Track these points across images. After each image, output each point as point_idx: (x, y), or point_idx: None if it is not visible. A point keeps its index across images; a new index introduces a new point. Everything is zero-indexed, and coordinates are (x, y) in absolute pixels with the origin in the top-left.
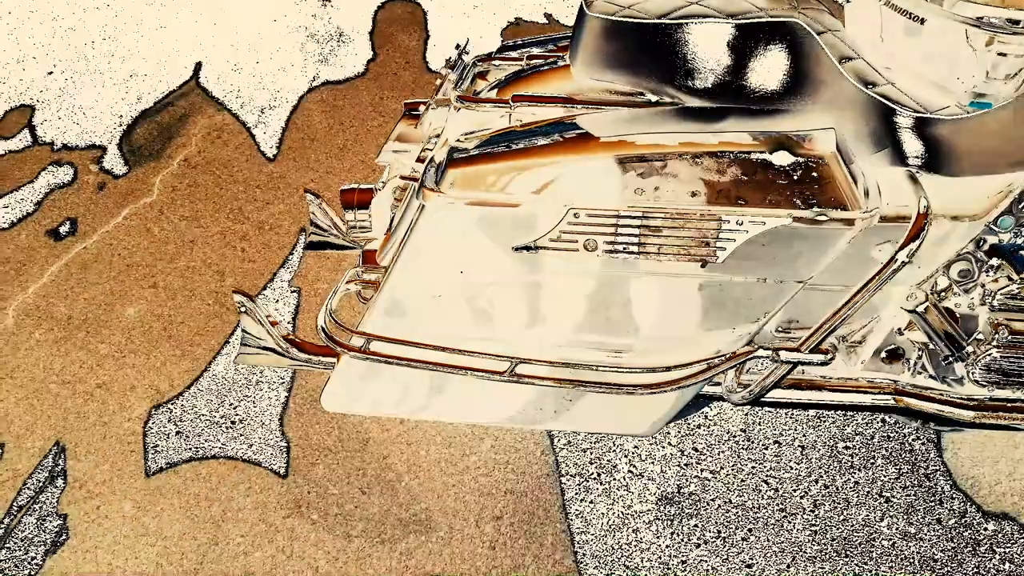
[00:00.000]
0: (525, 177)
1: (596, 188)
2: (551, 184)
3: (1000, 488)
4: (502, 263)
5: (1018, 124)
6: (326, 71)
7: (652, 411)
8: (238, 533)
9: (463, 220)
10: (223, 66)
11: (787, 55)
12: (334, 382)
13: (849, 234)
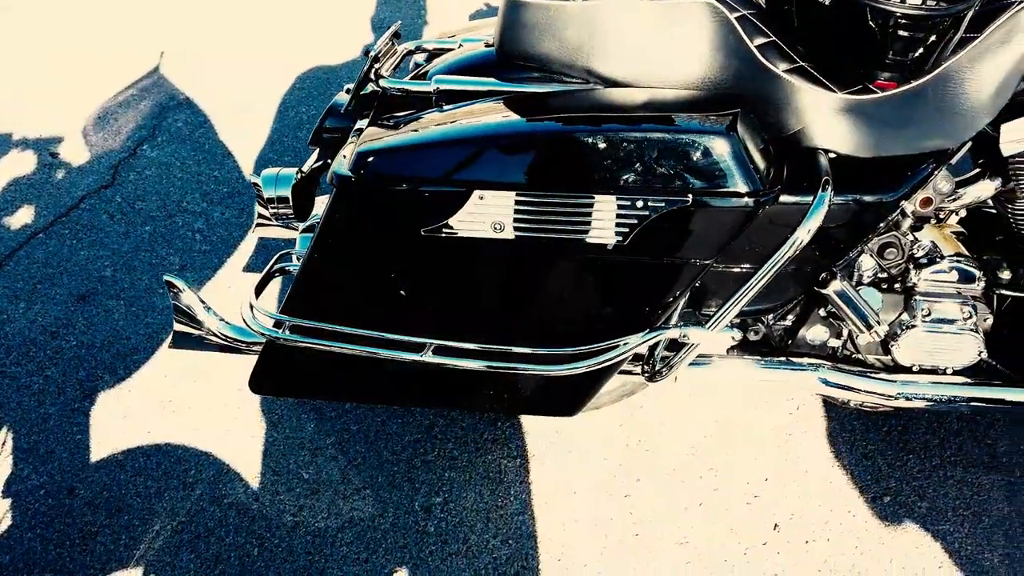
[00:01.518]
0: (435, 160)
1: (503, 170)
2: (459, 167)
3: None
4: (411, 246)
5: (930, 104)
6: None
7: (573, 393)
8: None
9: (372, 203)
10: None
11: (700, 35)
12: (258, 366)
13: (751, 214)
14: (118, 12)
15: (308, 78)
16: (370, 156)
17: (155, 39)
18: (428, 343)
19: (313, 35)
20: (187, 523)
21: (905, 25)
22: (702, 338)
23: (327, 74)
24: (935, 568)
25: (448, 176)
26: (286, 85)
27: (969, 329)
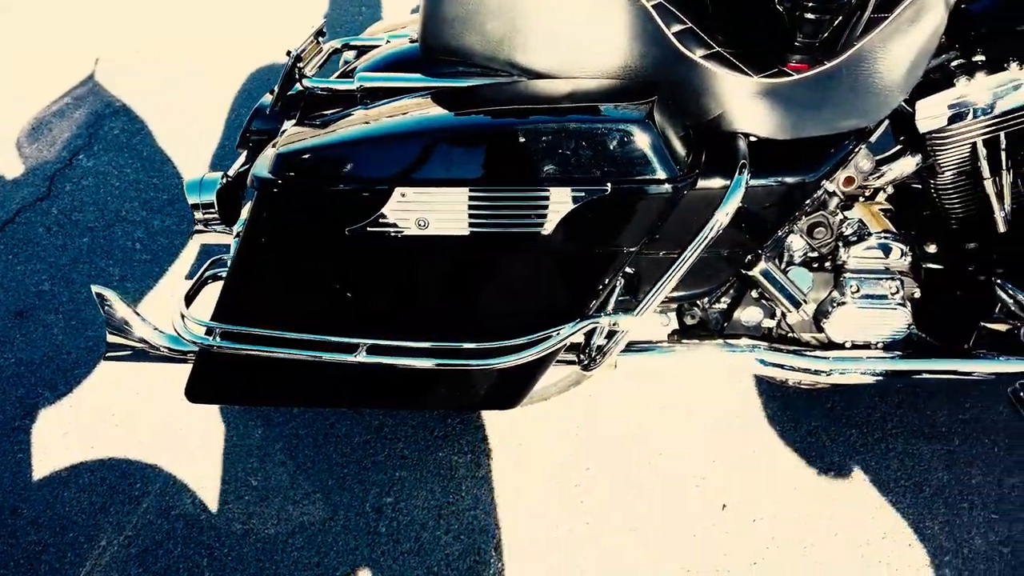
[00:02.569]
0: (354, 159)
1: (423, 166)
2: (378, 165)
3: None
4: (336, 246)
5: (845, 84)
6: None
7: (511, 385)
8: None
9: (293, 205)
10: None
11: (618, 24)
12: (193, 375)
13: (671, 200)
14: (46, 21)
15: (248, 80)
16: (289, 157)
17: (89, 46)
18: (361, 343)
19: (253, 36)
20: (134, 537)
21: (812, 8)
22: (631, 325)
23: (268, 75)
24: (879, 538)
25: (368, 175)
26: (226, 87)
27: (897, 303)
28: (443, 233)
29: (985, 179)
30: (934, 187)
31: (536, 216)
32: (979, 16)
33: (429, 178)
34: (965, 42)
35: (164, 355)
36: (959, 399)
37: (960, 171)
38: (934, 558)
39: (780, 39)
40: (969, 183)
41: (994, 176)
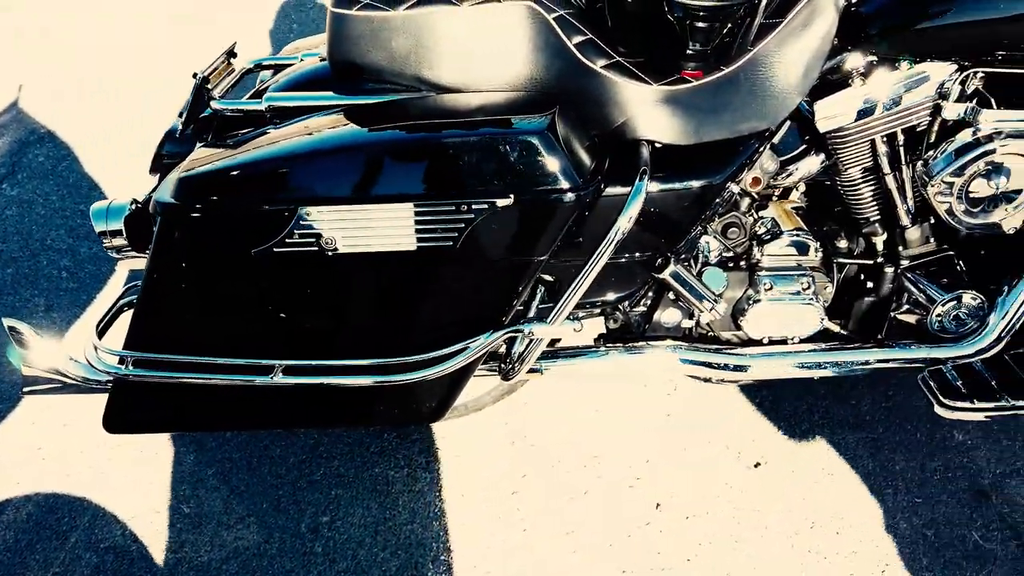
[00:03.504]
0: (257, 180)
1: (327, 185)
2: (282, 186)
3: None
4: (244, 269)
5: (743, 88)
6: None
7: (433, 398)
8: None
9: (197, 229)
10: None
11: (520, 37)
12: (109, 405)
13: (574, 208)
14: None
15: (176, 102)
16: (190, 181)
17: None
18: (276, 365)
19: (187, 59)
20: (62, 573)
21: (702, 17)
22: (545, 333)
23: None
24: (807, 528)
25: (271, 195)
26: (156, 111)
27: (809, 299)
28: (351, 251)
29: (886, 174)
30: (839, 184)
31: (443, 231)
32: (869, 17)
33: (334, 196)
34: (857, 43)
35: (81, 386)
36: (881, 388)
37: (862, 168)
38: (861, 544)
39: (676, 48)
40: (872, 179)
41: (894, 171)
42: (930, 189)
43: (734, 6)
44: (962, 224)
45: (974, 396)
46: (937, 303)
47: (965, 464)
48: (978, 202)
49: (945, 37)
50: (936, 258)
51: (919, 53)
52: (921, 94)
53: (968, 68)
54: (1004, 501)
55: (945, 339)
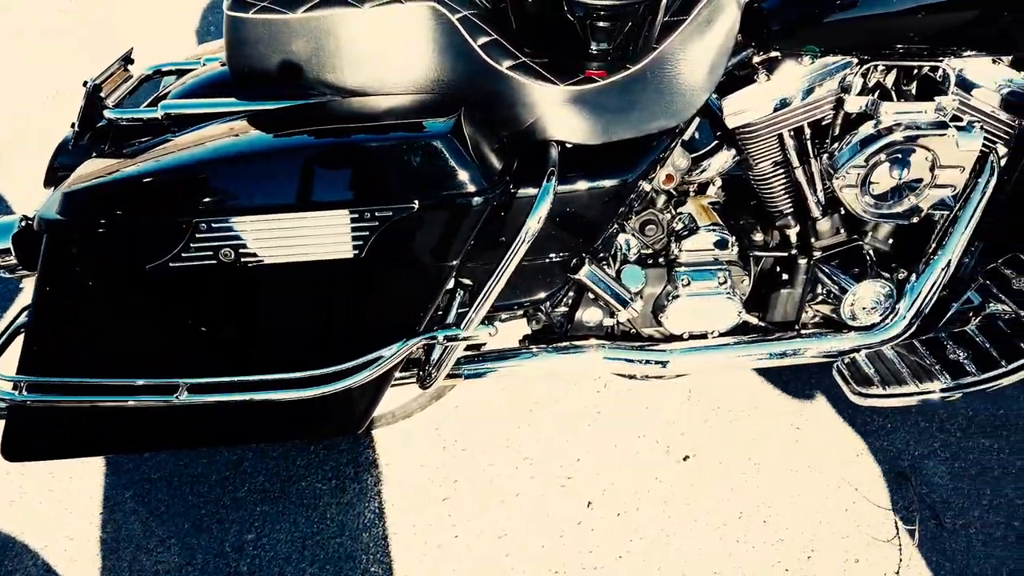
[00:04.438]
0: (148, 193)
1: (222, 196)
2: (175, 198)
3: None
4: (140, 286)
5: (650, 87)
6: None
7: (351, 410)
8: None
9: (86, 245)
10: None
11: (424, 39)
12: (6, 432)
13: (481, 212)
14: None
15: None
16: (77, 196)
17: None
18: (181, 383)
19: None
20: None
21: (602, 16)
22: (456, 339)
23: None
24: (735, 519)
25: (164, 208)
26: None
27: (727, 293)
28: (253, 264)
29: (795, 168)
30: (751, 178)
31: (347, 240)
32: (771, 13)
33: (231, 208)
34: (761, 39)
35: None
36: (804, 376)
37: (772, 161)
38: (788, 531)
39: (579, 47)
40: (782, 172)
41: (803, 164)
42: (836, 181)
43: (635, 5)
44: (868, 214)
45: (886, 383)
46: (848, 292)
47: (885, 447)
48: (882, 192)
49: (844, 32)
50: (847, 248)
51: (821, 48)
52: (824, 88)
53: (868, 62)
54: (923, 482)
55: (857, 328)
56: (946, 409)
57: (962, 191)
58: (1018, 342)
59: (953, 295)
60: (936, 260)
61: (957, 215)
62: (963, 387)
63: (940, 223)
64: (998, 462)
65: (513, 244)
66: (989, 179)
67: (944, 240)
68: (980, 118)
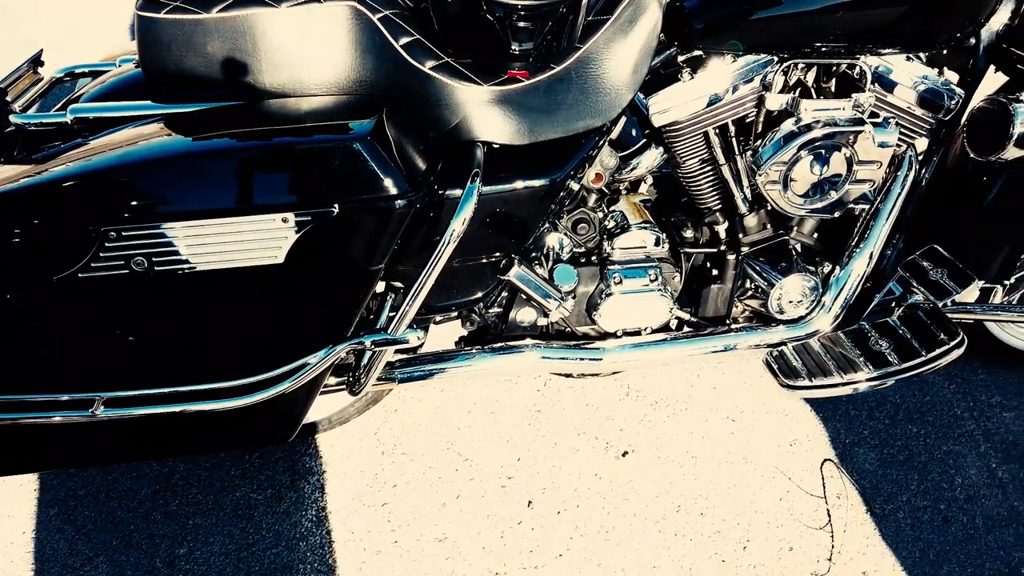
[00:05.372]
0: (54, 201)
1: (134, 203)
2: (82, 205)
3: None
4: (46, 298)
5: (575, 86)
6: None
7: (279, 418)
8: None
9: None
10: None
11: (345, 39)
12: None
13: (405, 214)
14: None
15: None
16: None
17: None
18: (96, 398)
19: None
20: None
21: (523, 16)
22: (383, 344)
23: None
24: (673, 512)
25: (71, 217)
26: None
27: (658, 290)
28: (167, 272)
29: (721, 165)
30: (680, 175)
31: (265, 246)
32: (692, 12)
33: (142, 214)
34: (683, 38)
35: None
36: (739, 369)
37: (699, 159)
38: (724, 522)
39: (501, 48)
40: (709, 169)
41: (728, 162)
42: (760, 178)
43: (555, 5)
44: (792, 210)
45: (812, 374)
46: (775, 287)
47: (818, 436)
48: (804, 188)
49: (764, 31)
50: (773, 244)
51: (742, 46)
52: (746, 86)
53: (789, 60)
54: (853, 469)
55: (785, 321)
56: (875, 397)
57: (882, 185)
58: (937, 332)
59: (876, 287)
60: (858, 253)
61: (878, 209)
62: (885, 376)
63: (862, 217)
64: (924, 447)
65: (438, 247)
66: (908, 173)
67: (866, 233)
68: (897, 114)
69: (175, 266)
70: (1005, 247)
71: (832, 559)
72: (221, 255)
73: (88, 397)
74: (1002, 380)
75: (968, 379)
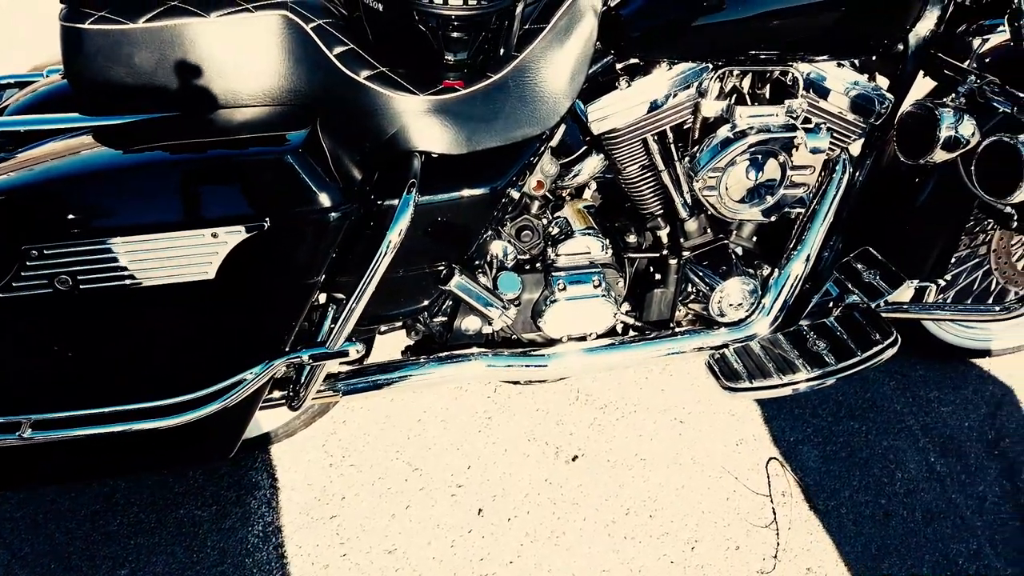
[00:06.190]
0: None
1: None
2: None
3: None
4: None
5: (513, 95)
6: None
7: (218, 436)
8: None
9: None
10: None
11: (277, 49)
12: None
13: (339, 226)
14: None
15: None
16: None
17: None
18: (23, 420)
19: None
20: None
21: (456, 26)
22: (320, 358)
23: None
24: (623, 516)
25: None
26: None
27: (602, 295)
28: (95, 291)
29: (661, 171)
30: (621, 181)
31: (196, 261)
32: (627, 21)
33: (66, 231)
34: (619, 46)
35: None
36: (687, 371)
37: (639, 165)
38: (672, 524)
39: (436, 57)
40: (649, 175)
41: (668, 168)
42: (697, 184)
43: (487, 14)
44: (728, 215)
45: (752, 376)
46: (716, 290)
47: (763, 435)
48: (739, 194)
49: (698, 39)
50: (713, 248)
51: (677, 54)
52: (683, 94)
53: (723, 67)
54: (797, 467)
55: (726, 323)
56: (819, 395)
57: (817, 189)
58: (872, 332)
59: (814, 288)
60: (796, 256)
61: (814, 212)
62: (823, 376)
63: (799, 220)
64: (866, 443)
65: (374, 258)
66: (842, 177)
67: (803, 236)
68: (829, 119)
69: (101, 284)
70: (938, 246)
71: (777, 556)
72: (149, 272)
73: (15, 420)
74: (940, 375)
75: (908, 375)
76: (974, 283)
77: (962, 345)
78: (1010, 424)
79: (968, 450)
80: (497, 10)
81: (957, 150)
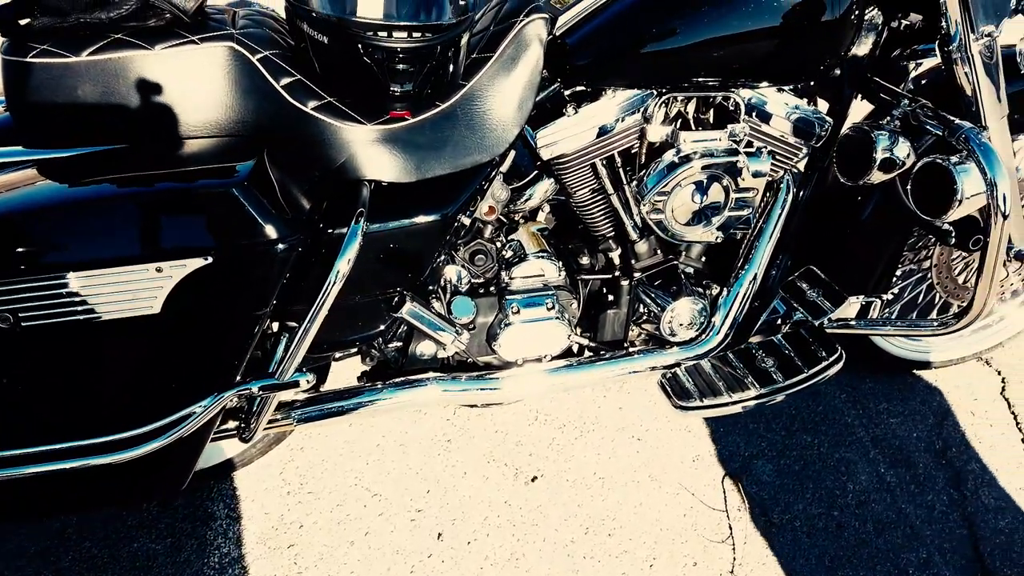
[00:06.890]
0: None
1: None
2: None
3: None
4: None
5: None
6: None
7: (168, 470)
8: None
9: None
10: None
11: (224, 80)
12: None
13: (285, 258)
14: None
15: None
16: None
17: None
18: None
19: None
20: None
21: (400, 59)
22: (270, 390)
23: None
24: (582, 535)
25: None
26: None
27: (556, 317)
28: (37, 327)
29: (610, 195)
30: (573, 204)
31: (140, 296)
32: (573, 49)
33: (7, 268)
34: (565, 73)
35: None
36: (643, 389)
37: (589, 189)
38: (631, 542)
39: (382, 87)
40: (600, 199)
41: (617, 191)
42: (644, 207)
43: (432, 47)
44: (676, 237)
45: (703, 394)
46: (667, 310)
47: (719, 451)
48: (685, 217)
49: (641, 66)
50: (663, 269)
51: (622, 81)
52: (628, 119)
53: (667, 93)
54: (752, 481)
55: (678, 343)
56: (772, 410)
57: (762, 210)
58: (817, 349)
59: (763, 307)
60: (743, 275)
61: (760, 232)
62: (772, 393)
63: (746, 241)
64: (818, 456)
65: (323, 288)
66: (786, 198)
67: (750, 256)
68: (771, 143)
69: (44, 320)
70: (879, 263)
71: (734, 571)
72: (92, 307)
73: None
74: (888, 387)
75: (857, 387)
76: (919, 297)
77: (908, 358)
78: (956, 434)
79: (917, 460)
80: (442, 42)
81: (894, 171)
